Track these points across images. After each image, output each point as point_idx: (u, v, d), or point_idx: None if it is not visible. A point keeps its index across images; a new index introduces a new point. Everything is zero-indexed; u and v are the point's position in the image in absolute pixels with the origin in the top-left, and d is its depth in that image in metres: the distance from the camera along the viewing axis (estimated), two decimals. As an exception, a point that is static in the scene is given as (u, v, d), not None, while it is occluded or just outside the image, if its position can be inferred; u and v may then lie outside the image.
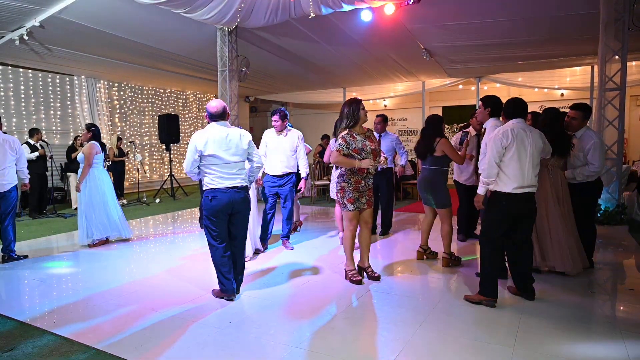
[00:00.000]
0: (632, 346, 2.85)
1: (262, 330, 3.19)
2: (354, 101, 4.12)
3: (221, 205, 3.67)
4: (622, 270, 4.68)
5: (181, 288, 4.13)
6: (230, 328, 3.23)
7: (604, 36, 6.33)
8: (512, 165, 3.50)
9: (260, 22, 7.58)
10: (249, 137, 3.84)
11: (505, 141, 3.50)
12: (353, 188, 4.06)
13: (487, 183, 3.59)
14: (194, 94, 14.37)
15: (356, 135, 4.03)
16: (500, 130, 3.56)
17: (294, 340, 3.02)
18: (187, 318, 3.42)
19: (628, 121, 11.11)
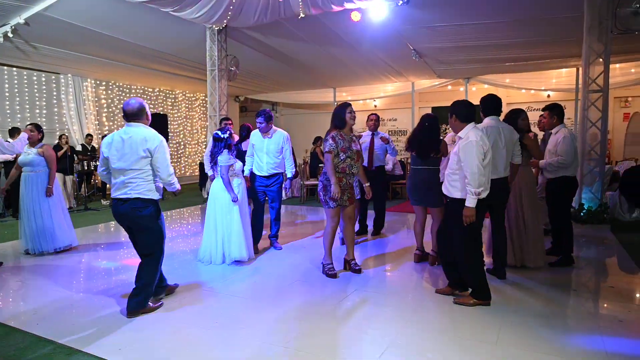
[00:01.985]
0: (610, 341, 2.92)
1: (249, 330, 3.20)
2: (343, 105, 4.37)
3: (115, 218, 3.45)
4: (604, 268, 4.78)
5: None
6: (216, 328, 3.24)
7: (587, 39, 6.45)
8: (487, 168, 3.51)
9: (249, 22, 7.58)
10: (156, 144, 3.32)
11: (485, 147, 3.45)
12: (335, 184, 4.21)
13: (478, 193, 3.38)
14: (183, 93, 14.30)
15: (344, 136, 4.28)
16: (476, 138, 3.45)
17: (281, 339, 3.03)
18: (173, 318, 3.43)
19: (612, 122, 11.31)
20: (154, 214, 3.46)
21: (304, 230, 6.71)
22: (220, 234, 4.74)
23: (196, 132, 14.86)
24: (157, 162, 3.36)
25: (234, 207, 4.70)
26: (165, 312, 3.55)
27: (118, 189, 3.38)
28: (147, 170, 3.38)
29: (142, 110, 3.43)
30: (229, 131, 4.81)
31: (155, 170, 3.39)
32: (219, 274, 4.53)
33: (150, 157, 3.34)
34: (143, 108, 3.44)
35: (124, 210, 3.36)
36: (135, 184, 3.34)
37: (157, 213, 3.51)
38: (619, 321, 3.28)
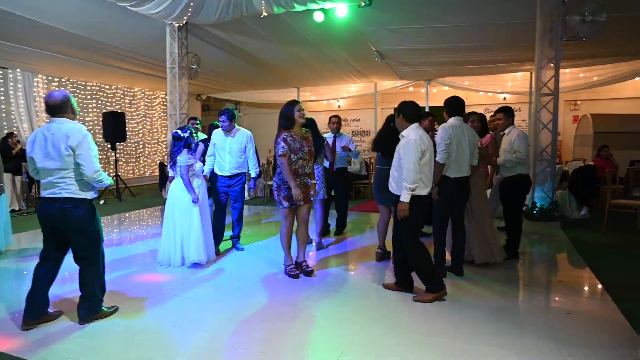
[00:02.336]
0: (559, 333, 3.06)
1: (209, 333, 3.15)
2: (289, 103, 4.26)
3: (40, 218, 3.24)
4: (554, 263, 5.02)
5: (123, 293, 3.99)
6: (174, 332, 3.16)
7: (539, 44, 6.74)
8: (427, 166, 3.67)
9: (211, 19, 7.45)
10: (79, 140, 3.08)
11: (423, 146, 3.57)
12: (288, 186, 4.18)
13: (412, 189, 3.55)
14: (142, 91, 13.87)
15: (295, 136, 4.19)
16: (415, 137, 3.57)
17: (242, 342, 3.00)
18: (128, 324, 3.32)
19: (562, 124, 11.87)
20: (88, 215, 3.22)
21: (267, 230, 6.66)
22: (179, 235, 4.62)
23: (156, 131, 14.46)
24: (80, 158, 3.10)
25: (194, 209, 4.60)
26: (120, 317, 3.43)
27: (46, 189, 3.15)
28: (77, 169, 3.15)
29: (67, 102, 3.17)
30: (189, 130, 4.71)
31: (80, 167, 3.12)
32: (179, 276, 4.42)
33: (73, 154, 3.10)
34: (67, 100, 3.18)
35: (54, 211, 3.13)
36: (65, 183, 3.12)
37: (91, 213, 3.26)
38: (567, 313, 3.44)
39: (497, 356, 2.77)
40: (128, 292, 3.99)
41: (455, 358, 2.75)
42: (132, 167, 13.55)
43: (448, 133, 4.12)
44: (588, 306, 3.70)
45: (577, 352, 2.78)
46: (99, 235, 3.35)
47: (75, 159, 3.11)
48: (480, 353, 2.81)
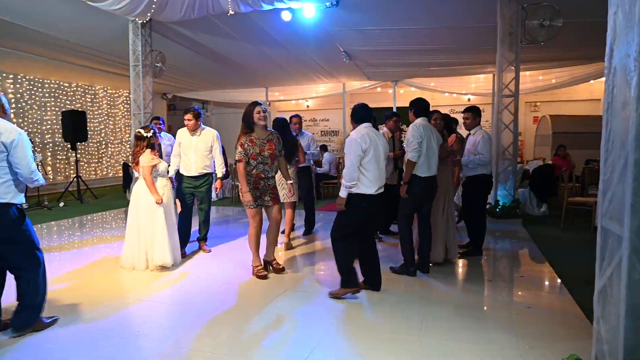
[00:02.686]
0: (520, 326, 3.17)
1: (174, 337, 3.08)
2: (249, 105, 4.24)
3: None
4: (517, 259, 5.19)
5: (85, 298, 3.84)
6: (138, 338, 3.08)
7: (500, 48, 6.96)
8: (371, 165, 3.66)
9: (176, 16, 7.29)
10: (13, 137, 2.92)
11: (364, 146, 3.60)
12: (253, 187, 4.19)
13: (349, 187, 3.60)
14: (104, 89, 13.43)
15: (255, 140, 4.16)
16: (357, 137, 3.62)
17: (208, 345, 2.95)
18: (90, 330, 3.20)
19: (523, 125, 12.32)
20: (16, 222, 2.97)
21: (235, 231, 6.58)
22: (143, 238, 4.50)
23: (119, 130, 14.04)
24: (16, 157, 2.91)
25: (158, 210, 4.49)
26: (82, 323, 3.31)
27: None
28: (4, 168, 2.92)
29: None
30: (152, 129, 4.59)
31: (15, 167, 2.93)
32: (143, 280, 4.30)
33: (7, 152, 2.89)
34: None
35: None
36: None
37: (20, 220, 3.00)
38: (528, 307, 3.57)
39: (461, 351, 2.83)
40: (90, 297, 3.85)
41: (422, 354, 2.80)
42: (94, 167, 13.11)
43: (419, 132, 4.19)
44: (547, 300, 3.85)
45: (537, 345, 2.88)
46: (31, 242, 3.09)
47: (11, 158, 2.92)
48: (446, 349, 2.87)
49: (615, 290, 1.98)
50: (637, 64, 1.79)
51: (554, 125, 10.88)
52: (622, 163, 1.93)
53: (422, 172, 4.23)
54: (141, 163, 4.46)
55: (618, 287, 1.93)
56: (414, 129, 4.22)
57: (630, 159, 1.84)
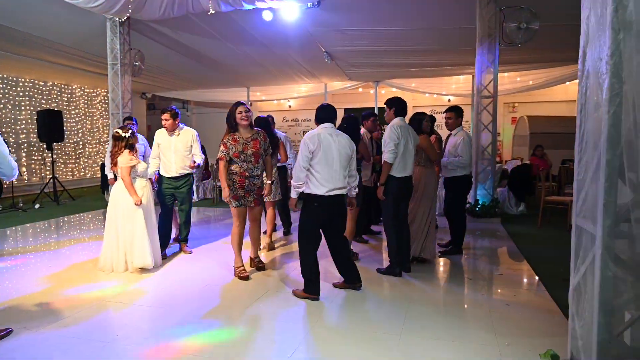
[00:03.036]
0: (498, 324, 3.23)
1: (154, 340, 3.04)
2: (232, 106, 4.26)
3: None
4: (496, 257, 5.28)
5: (62, 301, 3.76)
6: (117, 342, 3.02)
7: (479, 49, 7.07)
8: (321, 166, 3.61)
9: (155, 15, 7.19)
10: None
11: (312, 147, 3.58)
12: (238, 186, 4.22)
13: (297, 187, 3.66)
14: (81, 88, 13.16)
15: (238, 139, 4.20)
16: (307, 138, 3.63)
17: (190, 348, 2.92)
18: (69, 335, 3.13)
19: (502, 125, 12.54)
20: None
21: (216, 232, 6.53)
22: (122, 240, 4.43)
23: (97, 130, 13.77)
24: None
25: (138, 211, 4.42)
26: (59, 328, 3.23)
27: None
28: None
29: None
30: (131, 129, 4.51)
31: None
32: (123, 282, 4.23)
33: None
34: None
35: None
36: None
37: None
38: (507, 305, 3.63)
39: (442, 349, 2.87)
40: (68, 300, 3.77)
41: (403, 353, 2.82)
42: (72, 168, 12.83)
43: (397, 133, 4.18)
44: (526, 297, 3.93)
45: (516, 341, 2.94)
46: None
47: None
48: (427, 347, 2.90)
49: (589, 288, 2.03)
50: (609, 67, 1.85)
51: (532, 125, 11.11)
52: (595, 163, 1.98)
53: (398, 172, 4.25)
54: (119, 164, 4.39)
55: (592, 284, 1.99)
56: (391, 130, 4.22)
57: (603, 160, 1.89)
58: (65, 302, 3.73)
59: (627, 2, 1.75)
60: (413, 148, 4.34)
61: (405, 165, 4.28)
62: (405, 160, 4.26)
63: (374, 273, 4.42)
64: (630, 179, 1.86)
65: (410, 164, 4.32)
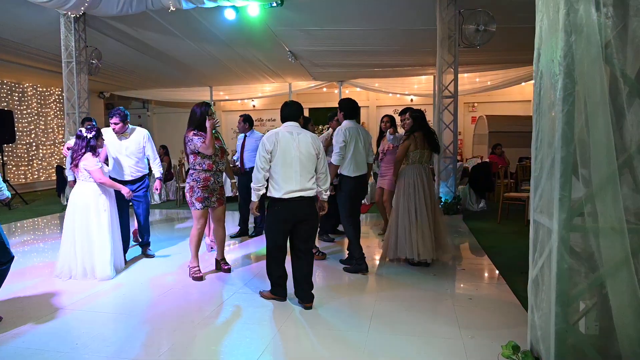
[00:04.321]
0: (462, 318, 3.32)
1: (116, 348, 2.93)
2: (203, 105, 4.23)
3: None
4: (458, 252, 5.42)
5: (15, 311, 3.56)
6: (77, 350, 2.90)
7: (440, 50, 7.24)
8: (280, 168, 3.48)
9: (112, 11, 6.94)
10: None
11: (268, 148, 3.42)
12: (202, 186, 4.18)
13: (256, 189, 3.53)
14: (33, 87, 12.54)
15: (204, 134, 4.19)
16: (264, 139, 3.50)
17: (154, 354, 2.84)
18: (24, 346, 2.98)
19: (462, 125, 12.91)
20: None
21: (180, 234, 6.38)
22: (80, 245, 4.24)
23: (51, 131, 13.17)
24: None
25: (99, 217, 4.24)
26: (12, 337, 3.06)
27: None
28: None
29: None
30: (94, 130, 4.33)
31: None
32: (81, 289, 4.05)
33: None
34: None
35: None
36: None
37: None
38: (469, 299, 3.74)
39: (407, 344, 2.92)
40: (22, 309, 3.57)
41: (370, 350, 2.85)
42: (24, 171, 12.21)
43: (344, 136, 4.30)
44: (487, 291, 4.05)
45: (478, 334, 3.03)
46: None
47: None
48: (393, 343, 2.94)
49: (546, 280, 2.12)
50: (562, 68, 1.93)
51: (490, 124, 11.50)
52: (550, 160, 2.07)
53: (350, 172, 4.37)
54: (89, 168, 4.21)
55: (549, 276, 2.07)
56: (338, 133, 4.35)
57: (557, 157, 1.98)
58: (19, 312, 3.53)
59: (578, 6, 1.84)
60: (364, 148, 4.43)
61: (357, 165, 4.39)
62: (356, 160, 4.37)
63: (341, 271, 4.45)
64: (583, 175, 1.95)
65: (362, 163, 4.43)
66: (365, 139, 4.48)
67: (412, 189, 4.52)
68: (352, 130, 4.35)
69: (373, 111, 14.23)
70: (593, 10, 1.83)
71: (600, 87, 1.84)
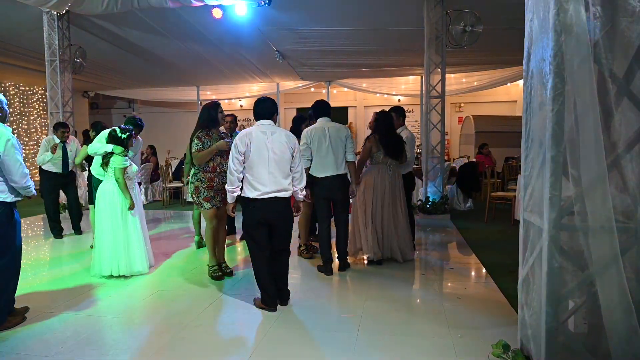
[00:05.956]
0: (451, 317, 3.32)
1: (102, 352, 2.87)
2: (213, 104, 4.32)
3: None
4: (446, 252, 5.45)
5: None
6: (62, 354, 2.83)
7: (427, 51, 7.28)
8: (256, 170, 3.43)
9: (97, 10, 6.83)
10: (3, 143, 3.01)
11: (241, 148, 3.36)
12: (207, 186, 4.15)
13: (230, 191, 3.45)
14: (16, 85, 12.29)
15: (212, 135, 4.22)
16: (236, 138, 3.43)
17: (142, 357, 2.78)
18: (7, 351, 2.89)
19: (449, 125, 13.01)
20: (4, 219, 3.11)
21: (167, 235, 6.30)
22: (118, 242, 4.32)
23: (34, 131, 12.92)
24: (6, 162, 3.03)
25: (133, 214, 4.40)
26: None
27: None
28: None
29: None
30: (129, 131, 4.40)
31: (5, 172, 3.06)
32: (67, 291, 3.97)
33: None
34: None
35: None
36: None
37: (8, 217, 3.15)
38: (458, 298, 3.75)
39: (397, 344, 2.91)
40: (1, 315, 3.48)
41: (360, 350, 2.83)
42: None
43: (305, 138, 4.30)
44: (475, 290, 4.07)
45: (468, 333, 3.03)
46: (14, 240, 3.19)
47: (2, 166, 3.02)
48: (384, 343, 2.93)
49: (537, 278, 2.13)
50: (552, 67, 1.94)
51: (477, 125, 11.61)
52: (540, 159, 2.08)
53: (318, 172, 4.32)
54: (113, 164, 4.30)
55: (539, 275, 2.08)
56: (302, 135, 4.34)
57: (548, 156, 1.98)
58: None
59: (568, 6, 1.85)
60: (331, 147, 4.27)
61: (323, 165, 4.30)
62: (322, 160, 4.29)
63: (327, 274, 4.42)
64: (573, 175, 1.97)
65: (330, 163, 4.28)
66: (334, 136, 4.30)
67: (371, 189, 4.55)
68: (316, 130, 4.31)
69: (361, 111, 14.26)
70: (582, 10, 1.84)
71: (590, 86, 1.86)
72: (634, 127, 1.95)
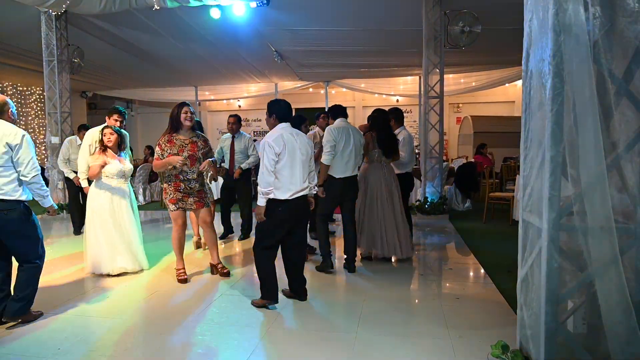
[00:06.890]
0: (449, 317, 3.32)
1: (99, 353, 2.85)
2: (177, 106, 4.16)
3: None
4: (445, 252, 5.45)
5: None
6: (59, 355, 2.81)
7: (426, 51, 7.29)
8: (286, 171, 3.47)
9: (95, 9, 6.82)
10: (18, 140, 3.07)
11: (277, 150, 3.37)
12: (173, 189, 4.13)
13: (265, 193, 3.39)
14: (13, 86, 12.25)
15: (175, 141, 4.09)
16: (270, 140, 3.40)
17: (140, 358, 2.77)
18: (3, 352, 2.88)
19: (447, 125, 13.03)
20: (23, 217, 3.16)
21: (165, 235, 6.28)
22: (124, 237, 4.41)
23: (32, 131, 12.87)
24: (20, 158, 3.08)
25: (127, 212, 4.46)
26: (-11, 346, 2.96)
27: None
28: (9, 167, 3.09)
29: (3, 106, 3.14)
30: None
31: (18, 168, 3.10)
32: (62, 292, 3.95)
33: (11, 151, 3.06)
34: (5, 104, 3.15)
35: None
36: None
37: (27, 215, 3.21)
38: (456, 298, 3.75)
39: (396, 344, 2.90)
40: None
41: (359, 350, 2.83)
42: (3, 172, 11.91)
43: (333, 135, 4.27)
44: (474, 290, 4.07)
45: (466, 333, 3.03)
46: (38, 235, 3.29)
47: (13, 160, 3.08)
48: (382, 343, 2.93)
49: (536, 279, 2.13)
50: (551, 67, 1.94)
51: (475, 125, 11.62)
52: (539, 159, 2.07)
53: (338, 173, 4.31)
54: None
55: (538, 275, 2.08)
56: (327, 132, 4.33)
57: (547, 156, 1.98)
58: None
59: (567, 6, 1.85)
60: (354, 148, 4.35)
61: (345, 165, 4.32)
62: (344, 160, 4.31)
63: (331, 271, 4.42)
64: (572, 175, 1.96)
65: (351, 164, 4.36)
66: (357, 139, 4.40)
67: (367, 187, 4.62)
68: (341, 129, 4.32)
69: (359, 111, 14.27)
70: (581, 10, 1.84)
71: (589, 86, 1.86)
72: (633, 127, 1.95)
